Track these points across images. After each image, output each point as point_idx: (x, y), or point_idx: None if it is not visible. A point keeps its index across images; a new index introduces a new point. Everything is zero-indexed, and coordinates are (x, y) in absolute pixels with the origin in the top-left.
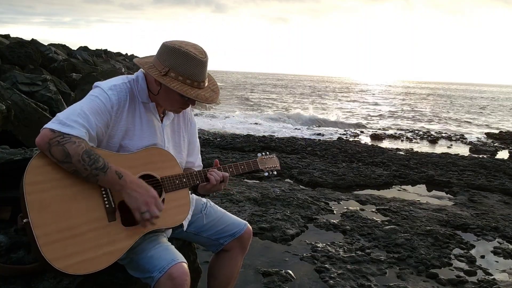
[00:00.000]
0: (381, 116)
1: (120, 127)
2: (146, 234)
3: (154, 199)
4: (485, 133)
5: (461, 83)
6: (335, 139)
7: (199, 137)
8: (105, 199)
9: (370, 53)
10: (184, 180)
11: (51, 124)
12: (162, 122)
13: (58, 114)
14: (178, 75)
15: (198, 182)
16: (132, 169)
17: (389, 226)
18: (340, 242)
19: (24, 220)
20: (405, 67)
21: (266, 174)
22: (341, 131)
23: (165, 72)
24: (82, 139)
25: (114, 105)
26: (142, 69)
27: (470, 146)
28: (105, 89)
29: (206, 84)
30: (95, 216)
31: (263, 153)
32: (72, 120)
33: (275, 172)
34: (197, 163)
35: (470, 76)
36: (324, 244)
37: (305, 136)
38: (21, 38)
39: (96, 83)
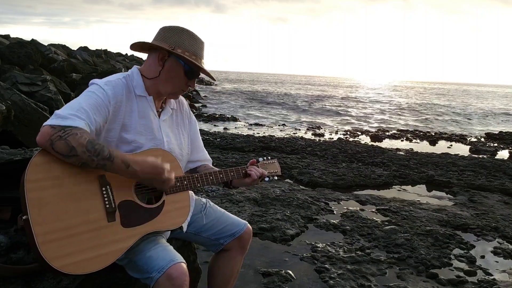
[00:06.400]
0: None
1: (118, 121)
2: (145, 235)
3: (164, 169)
4: (485, 133)
5: (462, 83)
6: (335, 139)
7: None
8: (106, 199)
9: (370, 53)
10: (185, 182)
11: (50, 121)
12: (159, 117)
13: (56, 111)
14: (185, 51)
15: (199, 185)
16: None
17: (389, 226)
18: (340, 242)
19: (24, 217)
20: (404, 67)
21: (266, 179)
22: (341, 130)
23: (172, 48)
24: (84, 130)
25: (111, 99)
26: (136, 66)
27: (470, 146)
28: (101, 84)
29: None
30: (95, 216)
31: (264, 158)
32: (71, 114)
33: (276, 178)
34: (207, 157)
35: (470, 76)
36: (324, 244)
37: (305, 136)
38: (21, 38)
39: (92, 81)
